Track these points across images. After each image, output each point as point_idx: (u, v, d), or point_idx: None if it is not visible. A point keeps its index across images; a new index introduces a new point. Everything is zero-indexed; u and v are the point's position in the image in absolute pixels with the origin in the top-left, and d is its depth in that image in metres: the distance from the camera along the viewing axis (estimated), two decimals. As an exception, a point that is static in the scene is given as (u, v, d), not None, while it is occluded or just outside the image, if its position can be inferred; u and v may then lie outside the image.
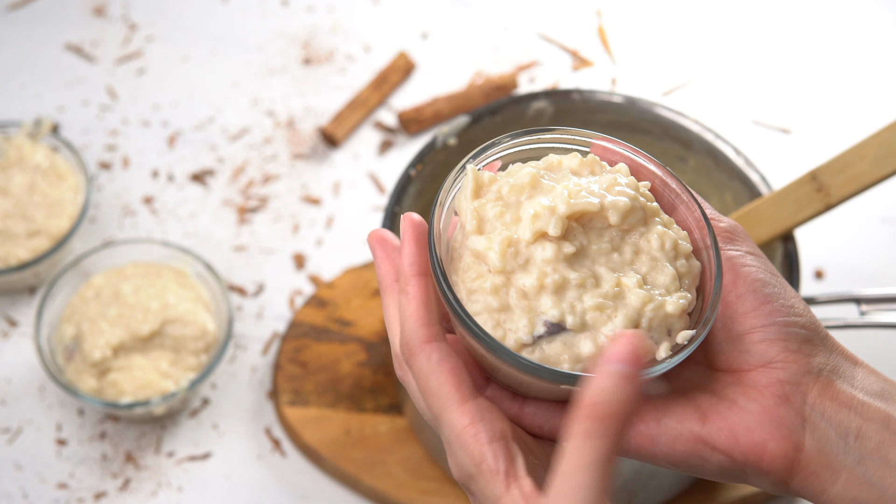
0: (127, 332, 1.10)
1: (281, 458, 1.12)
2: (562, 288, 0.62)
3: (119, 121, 1.33)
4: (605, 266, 0.63)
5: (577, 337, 0.62)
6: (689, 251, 0.65)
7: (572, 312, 0.62)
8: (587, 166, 0.66)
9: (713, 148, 1.08)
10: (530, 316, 0.62)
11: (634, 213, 0.64)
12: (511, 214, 0.64)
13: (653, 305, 0.62)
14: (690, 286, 0.65)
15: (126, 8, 1.41)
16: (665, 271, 0.64)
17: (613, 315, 0.62)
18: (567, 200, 0.63)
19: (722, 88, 1.38)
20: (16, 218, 1.18)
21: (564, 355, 0.62)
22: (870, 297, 0.99)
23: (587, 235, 0.64)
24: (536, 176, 0.65)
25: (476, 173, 0.66)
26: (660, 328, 0.63)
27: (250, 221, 1.26)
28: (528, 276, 0.62)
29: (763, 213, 0.99)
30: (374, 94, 1.34)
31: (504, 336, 0.62)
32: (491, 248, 0.63)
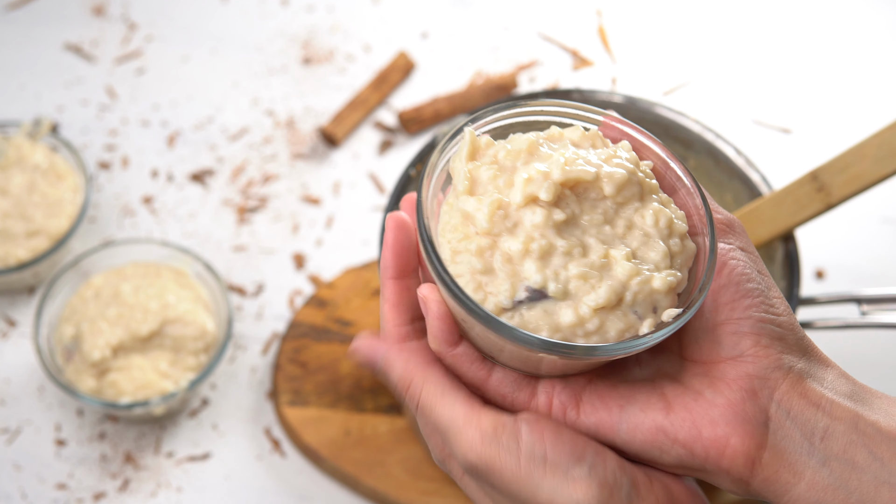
0: (126, 332, 1.10)
1: (281, 459, 1.12)
2: (547, 254, 0.61)
3: (118, 121, 1.33)
4: (595, 237, 0.63)
5: (558, 305, 0.61)
6: (683, 231, 0.64)
7: (555, 280, 0.61)
8: (589, 139, 0.65)
9: (713, 148, 1.08)
10: (513, 280, 0.61)
11: (630, 187, 0.63)
12: (505, 179, 0.63)
13: (639, 279, 0.61)
14: (682, 266, 0.64)
15: (126, 8, 1.41)
16: (656, 248, 0.63)
17: (597, 285, 0.61)
18: (562, 167, 0.62)
19: (722, 88, 1.38)
20: (15, 218, 1.18)
21: (544, 323, 0.61)
22: (870, 297, 0.99)
23: (580, 205, 0.63)
24: (535, 143, 0.64)
25: (473, 135, 0.65)
26: (645, 303, 0.62)
27: (250, 221, 1.26)
28: (514, 239, 0.62)
29: (763, 213, 0.99)
30: (374, 93, 1.34)
31: (484, 299, 0.61)
32: (480, 209, 0.62)
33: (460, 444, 0.62)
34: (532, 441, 0.61)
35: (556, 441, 0.61)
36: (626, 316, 0.61)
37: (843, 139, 1.35)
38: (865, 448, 0.61)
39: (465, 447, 0.62)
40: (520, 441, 0.61)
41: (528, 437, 0.61)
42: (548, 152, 0.64)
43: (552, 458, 0.61)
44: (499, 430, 0.62)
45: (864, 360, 1.18)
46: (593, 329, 0.61)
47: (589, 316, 0.61)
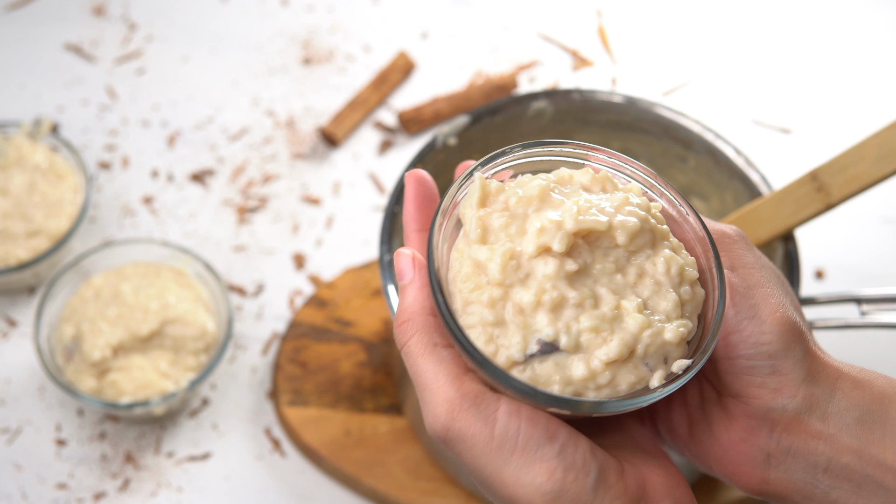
0: (126, 332, 1.10)
1: (281, 459, 1.12)
2: (559, 306, 0.61)
3: (118, 121, 1.33)
4: (607, 286, 0.62)
5: (570, 358, 0.61)
6: (694, 278, 0.64)
7: (567, 332, 0.61)
8: (598, 183, 0.65)
9: (713, 148, 1.08)
10: (524, 333, 0.61)
11: (643, 235, 0.63)
12: (517, 226, 0.63)
13: (651, 332, 0.61)
14: (693, 313, 0.63)
15: (126, 8, 1.41)
16: (668, 297, 0.62)
17: (609, 338, 0.61)
18: (575, 217, 0.61)
19: (722, 88, 1.38)
20: (15, 218, 1.18)
21: (556, 376, 0.61)
22: (870, 297, 0.99)
23: (592, 254, 0.63)
24: (546, 188, 0.63)
25: (484, 181, 0.64)
26: (656, 355, 0.61)
27: (250, 221, 1.26)
28: (526, 291, 0.61)
29: (763, 213, 0.99)
30: (374, 93, 1.34)
31: (496, 352, 0.61)
32: (492, 258, 0.61)
33: (437, 404, 0.61)
34: (509, 413, 0.60)
35: (532, 418, 0.60)
36: (637, 368, 0.61)
37: (843, 139, 1.35)
38: (870, 478, 0.62)
39: (442, 411, 0.61)
40: (498, 413, 0.61)
41: (505, 407, 0.61)
42: (559, 198, 0.63)
43: (525, 433, 0.60)
44: (479, 398, 0.61)
45: (865, 360, 1.18)
46: (605, 382, 0.61)
47: (601, 369, 0.61)
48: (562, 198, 0.63)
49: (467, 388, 0.61)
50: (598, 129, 1.12)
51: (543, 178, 0.65)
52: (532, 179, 0.65)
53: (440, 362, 0.62)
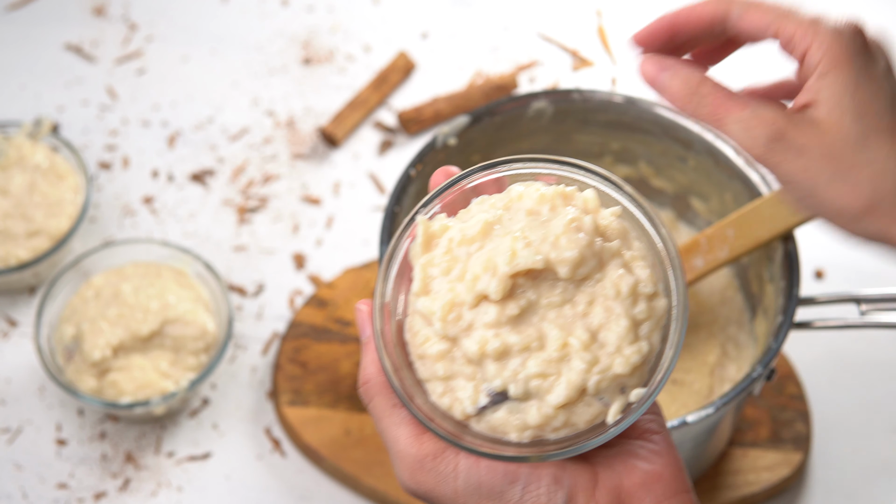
0: (127, 332, 1.10)
1: (281, 458, 1.12)
2: (504, 354, 0.59)
3: (119, 121, 1.33)
4: (554, 322, 0.60)
5: (522, 405, 0.60)
6: (650, 293, 0.61)
7: (514, 381, 0.59)
8: (548, 201, 0.62)
9: (713, 148, 1.08)
10: (475, 384, 0.60)
11: (586, 263, 0.60)
12: (458, 270, 0.61)
13: (599, 367, 0.59)
14: (652, 331, 0.61)
15: (126, 8, 1.41)
16: (619, 323, 0.60)
17: (556, 382, 0.59)
18: (510, 260, 0.59)
19: (722, 88, 1.38)
20: (16, 218, 1.18)
21: (512, 423, 0.60)
22: (870, 297, 0.99)
23: (537, 289, 0.60)
24: (488, 224, 0.61)
25: (426, 224, 0.62)
26: (611, 389, 0.60)
27: (250, 221, 1.26)
28: (470, 341, 0.60)
29: (763, 213, 0.99)
30: (374, 94, 1.34)
31: (451, 406, 0.61)
32: (433, 311, 0.60)
33: (401, 466, 0.62)
34: (468, 467, 0.61)
35: (491, 466, 0.60)
36: (591, 406, 0.60)
37: (842, 139, 1.35)
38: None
39: (406, 472, 0.62)
40: (457, 468, 0.61)
41: (465, 463, 0.61)
42: (500, 234, 0.61)
43: (486, 482, 0.60)
44: (438, 458, 0.61)
45: (864, 360, 1.18)
46: (560, 425, 0.60)
47: (553, 414, 0.60)
48: (503, 232, 0.61)
49: (426, 449, 0.61)
50: (598, 129, 1.12)
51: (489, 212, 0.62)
52: (477, 212, 0.63)
53: (400, 424, 0.62)
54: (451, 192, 0.64)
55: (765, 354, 0.95)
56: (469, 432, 0.61)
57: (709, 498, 1.08)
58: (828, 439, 1.13)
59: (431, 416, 0.60)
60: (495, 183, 0.64)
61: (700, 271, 1.04)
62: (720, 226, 1.01)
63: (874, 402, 1.16)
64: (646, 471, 0.61)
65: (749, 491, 1.08)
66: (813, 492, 1.11)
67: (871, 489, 1.11)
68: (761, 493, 1.08)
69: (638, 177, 1.16)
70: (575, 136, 1.13)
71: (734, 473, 1.09)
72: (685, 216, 1.16)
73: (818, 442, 1.12)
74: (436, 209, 0.64)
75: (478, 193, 0.64)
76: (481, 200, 0.63)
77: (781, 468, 1.09)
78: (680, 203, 1.16)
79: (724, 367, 1.10)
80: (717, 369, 1.10)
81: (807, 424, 1.11)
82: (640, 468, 0.61)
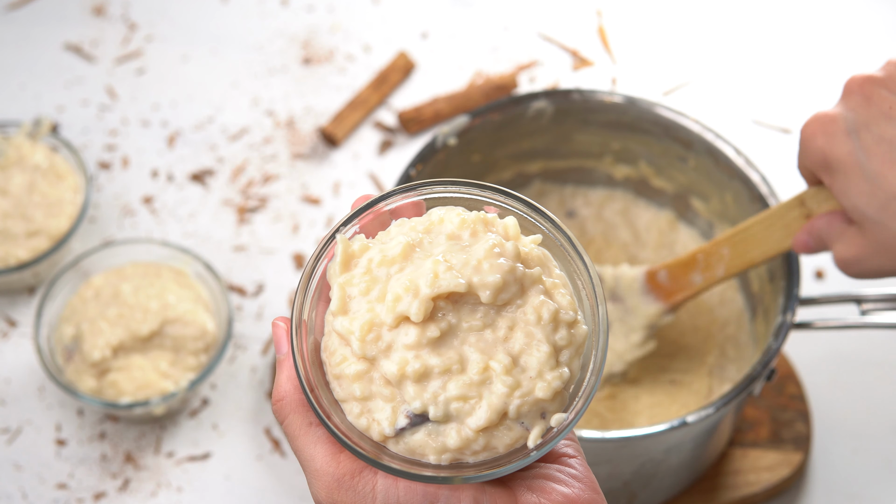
0: (126, 332, 1.10)
1: (281, 458, 1.12)
2: (424, 376, 0.59)
3: (119, 121, 1.33)
4: (475, 346, 0.59)
5: (441, 427, 0.59)
6: (571, 320, 0.61)
7: (434, 403, 0.59)
8: (468, 226, 0.62)
9: (713, 148, 1.08)
10: (393, 405, 0.59)
11: (508, 289, 0.60)
12: (378, 291, 0.60)
13: (521, 391, 0.59)
14: (573, 357, 0.61)
15: (126, 7, 1.41)
16: (540, 349, 0.59)
17: (478, 405, 0.59)
18: (432, 282, 0.59)
19: (722, 88, 1.38)
20: (15, 218, 1.18)
21: (430, 445, 0.59)
22: (870, 297, 0.99)
23: (458, 313, 0.60)
24: (409, 246, 0.61)
25: (346, 243, 0.62)
26: (531, 413, 0.59)
27: (250, 221, 1.26)
28: (390, 362, 0.59)
29: (754, 235, 0.98)
30: (374, 93, 1.34)
31: (368, 427, 0.60)
32: (352, 331, 0.60)
33: (317, 486, 0.61)
34: (386, 487, 0.60)
35: (409, 487, 0.60)
36: (511, 429, 0.59)
37: (842, 139, 1.34)
38: None
39: (323, 491, 0.61)
40: (375, 488, 0.60)
41: (382, 483, 0.60)
42: (422, 256, 0.61)
43: (405, 502, 0.60)
44: (356, 477, 0.60)
45: (864, 360, 1.18)
46: (480, 448, 0.59)
47: (473, 437, 0.59)
48: (424, 255, 0.61)
49: (344, 468, 0.61)
50: (598, 129, 1.12)
51: (407, 234, 0.62)
52: (397, 234, 0.62)
53: (316, 443, 0.62)
54: (370, 213, 0.63)
55: (765, 354, 0.95)
56: (387, 453, 0.60)
57: (709, 498, 1.08)
58: (828, 439, 1.13)
59: (349, 435, 0.60)
60: (414, 207, 0.64)
61: (698, 287, 1.04)
62: (716, 243, 1.01)
63: (874, 402, 1.16)
64: (564, 494, 0.61)
65: (749, 491, 1.08)
66: (813, 492, 1.11)
67: (871, 489, 1.11)
68: (761, 493, 1.08)
69: (638, 177, 1.16)
70: (575, 136, 1.13)
71: (734, 473, 1.09)
72: (685, 216, 1.16)
73: (818, 442, 1.12)
74: (355, 229, 0.63)
75: (397, 216, 0.64)
76: (401, 223, 0.63)
77: (781, 468, 1.09)
78: (680, 203, 1.16)
79: (724, 368, 1.10)
80: (716, 370, 1.10)
81: (807, 424, 1.11)
82: (559, 491, 0.61)
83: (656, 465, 0.98)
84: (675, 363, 1.11)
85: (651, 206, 1.17)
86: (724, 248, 1.01)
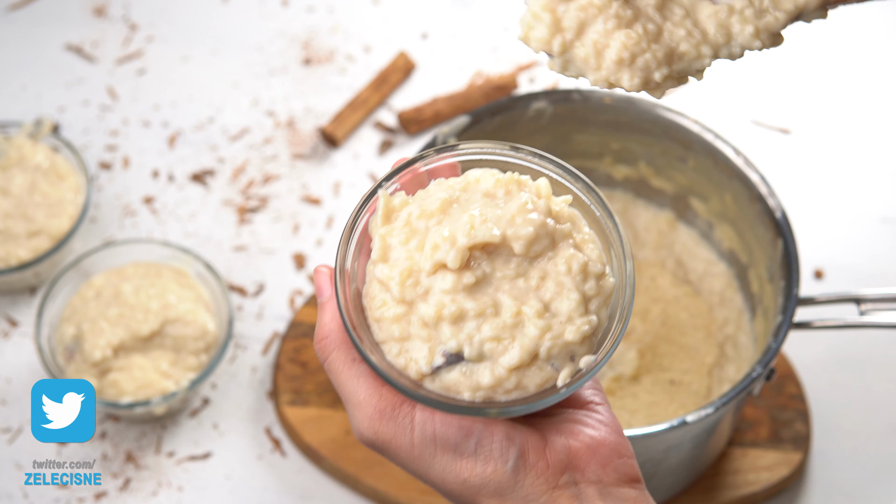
0: (127, 332, 1.11)
1: (281, 458, 1.12)
2: (460, 318, 0.63)
3: (119, 121, 1.33)
4: (508, 293, 0.64)
5: (475, 366, 0.63)
6: (599, 272, 0.65)
7: (469, 343, 0.63)
8: (503, 185, 0.66)
9: (713, 148, 1.08)
10: (430, 345, 0.64)
11: (540, 241, 0.64)
12: (417, 241, 0.65)
13: (551, 335, 0.63)
14: (600, 307, 0.65)
15: (126, 8, 1.41)
16: (570, 297, 0.64)
17: (511, 345, 0.63)
18: (468, 232, 0.63)
19: (722, 88, 1.38)
20: (16, 218, 1.18)
21: (464, 384, 0.63)
22: (870, 297, 0.99)
23: (492, 263, 0.64)
24: (447, 201, 0.65)
25: (387, 198, 0.67)
26: (561, 355, 0.63)
27: (250, 221, 1.26)
28: (427, 306, 0.63)
29: None
30: (374, 94, 1.34)
31: (406, 365, 0.64)
32: (392, 277, 0.64)
33: (359, 419, 0.65)
34: (424, 419, 0.64)
35: (445, 420, 0.63)
36: (542, 370, 0.64)
37: (842, 139, 1.35)
38: None
39: (365, 422, 0.65)
40: (414, 420, 0.64)
41: (420, 415, 0.64)
42: (458, 211, 0.65)
43: (441, 434, 0.63)
44: (396, 409, 0.64)
45: (864, 360, 1.18)
46: (512, 387, 0.63)
47: (506, 376, 0.63)
48: (461, 210, 0.65)
49: (385, 401, 0.65)
50: (598, 129, 1.12)
51: (446, 190, 0.66)
52: (435, 191, 0.66)
53: (359, 377, 0.65)
54: (409, 172, 0.68)
55: (764, 354, 0.95)
56: (424, 390, 0.64)
57: (709, 498, 1.09)
58: (828, 439, 1.13)
59: (389, 370, 0.64)
60: (450, 168, 0.69)
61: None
62: None
63: (874, 402, 1.16)
64: (591, 436, 0.65)
65: (749, 491, 1.08)
66: (813, 492, 1.11)
67: (871, 489, 1.11)
68: (761, 492, 1.09)
69: (638, 177, 1.16)
70: (575, 136, 1.13)
71: (734, 473, 1.09)
72: (685, 216, 1.16)
73: (818, 442, 1.12)
74: (395, 186, 0.68)
75: (434, 177, 0.68)
76: (440, 182, 0.67)
77: (781, 468, 1.09)
78: (680, 203, 1.16)
79: (723, 368, 1.10)
80: (715, 370, 1.10)
81: (806, 424, 1.11)
82: (587, 433, 0.65)
83: (656, 464, 0.99)
84: (674, 363, 1.11)
85: (650, 207, 1.18)
86: None
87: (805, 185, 1.30)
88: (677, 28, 0.65)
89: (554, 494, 0.63)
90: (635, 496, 0.65)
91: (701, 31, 0.64)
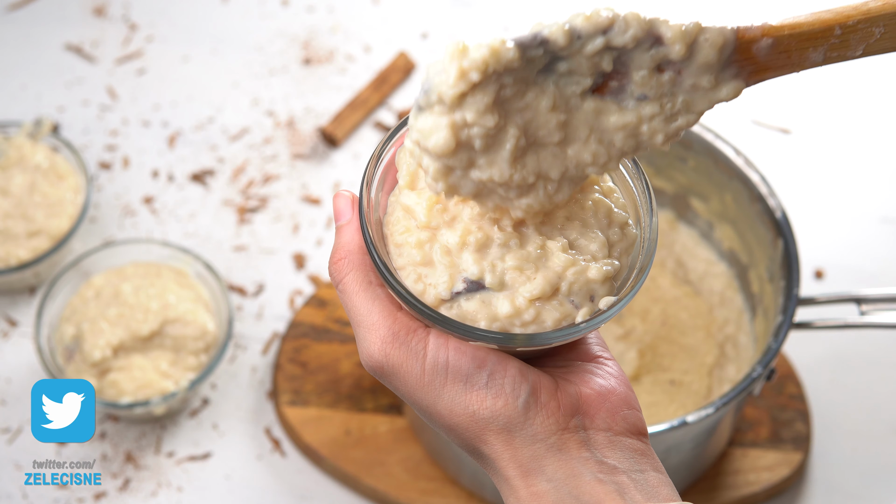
0: (127, 332, 1.11)
1: (281, 458, 1.12)
2: (484, 246, 0.63)
3: (119, 121, 1.33)
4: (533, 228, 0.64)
5: (495, 295, 0.63)
6: (623, 220, 0.65)
7: (492, 271, 0.62)
8: None
9: (713, 148, 1.08)
10: (451, 272, 0.63)
11: None
12: None
13: (574, 270, 0.63)
14: (622, 254, 0.65)
15: (126, 8, 1.41)
16: (595, 238, 0.64)
17: (533, 276, 0.62)
18: None
19: (722, 88, 1.38)
20: (16, 218, 1.18)
21: (482, 313, 0.63)
22: (870, 297, 0.99)
23: None
24: None
25: None
26: (581, 293, 0.63)
27: (250, 221, 1.26)
28: (452, 232, 0.63)
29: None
30: (374, 94, 1.34)
31: (424, 290, 0.63)
32: (419, 202, 0.64)
33: (370, 341, 0.64)
34: (437, 346, 0.63)
35: (459, 348, 0.62)
36: (562, 305, 0.63)
37: (842, 139, 1.35)
38: None
39: (377, 344, 0.63)
40: (427, 346, 0.63)
41: (434, 342, 0.63)
42: None
43: (454, 363, 0.62)
44: (410, 334, 0.63)
45: (864, 360, 1.18)
46: (530, 319, 0.62)
47: (525, 306, 0.62)
48: None
49: (399, 325, 0.63)
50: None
51: None
52: None
53: (374, 300, 0.64)
54: None
55: (764, 354, 0.95)
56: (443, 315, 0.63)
57: (709, 498, 1.08)
58: (828, 439, 1.13)
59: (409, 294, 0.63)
60: None
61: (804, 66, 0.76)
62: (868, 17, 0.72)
63: (874, 402, 1.16)
64: (602, 384, 0.64)
65: (749, 491, 1.08)
66: (813, 492, 1.11)
67: (871, 489, 1.11)
68: (761, 493, 1.08)
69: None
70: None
71: (734, 473, 1.09)
72: (685, 216, 1.16)
73: (818, 442, 1.12)
74: None
75: None
76: None
77: (781, 468, 1.09)
78: (680, 203, 1.16)
79: (723, 368, 1.10)
80: (715, 370, 1.10)
81: (807, 424, 1.11)
82: (597, 381, 0.65)
83: (656, 464, 0.99)
84: (674, 363, 1.11)
85: (651, 206, 1.18)
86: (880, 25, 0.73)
87: (805, 185, 1.30)
88: (583, 151, 0.64)
89: (563, 437, 0.62)
90: (643, 448, 0.64)
91: (606, 145, 0.63)
